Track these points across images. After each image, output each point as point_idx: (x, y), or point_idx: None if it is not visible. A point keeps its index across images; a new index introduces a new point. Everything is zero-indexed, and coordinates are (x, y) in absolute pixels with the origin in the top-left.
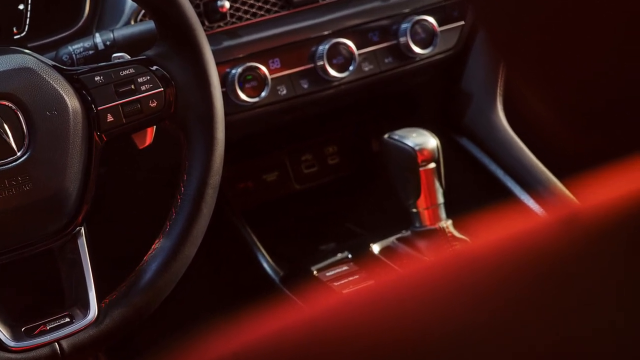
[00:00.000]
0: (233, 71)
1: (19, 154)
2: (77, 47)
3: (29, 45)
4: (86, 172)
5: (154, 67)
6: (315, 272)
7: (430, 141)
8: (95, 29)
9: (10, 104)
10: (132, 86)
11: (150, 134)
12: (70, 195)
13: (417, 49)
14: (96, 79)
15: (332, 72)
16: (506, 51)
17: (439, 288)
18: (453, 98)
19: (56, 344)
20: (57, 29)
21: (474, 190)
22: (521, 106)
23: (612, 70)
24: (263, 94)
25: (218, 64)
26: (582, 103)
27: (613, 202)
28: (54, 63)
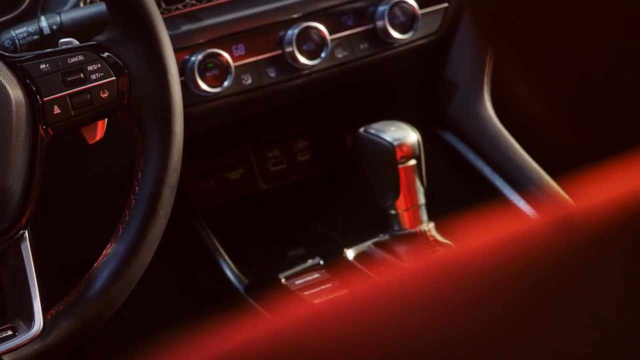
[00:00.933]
0: (193, 58)
1: None
2: (20, 31)
3: None
4: (30, 169)
5: (105, 54)
6: (283, 280)
7: (410, 135)
8: (40, 11)
9: None
10: (81, 75)
11: (101, 128)
12: (12, 195)
13: (395, 34)
14: (41, 66)
15: (302, 60)
16: (494, 36)
17: (419, 297)
18: (435, 88)
19: None
20: None
21: (458, 189)
22: (510, 97)
23: (611, 57)
24: (226, 83)
25: (176, 51)
26: (578, 93)
27: (611, 203)
28: None
